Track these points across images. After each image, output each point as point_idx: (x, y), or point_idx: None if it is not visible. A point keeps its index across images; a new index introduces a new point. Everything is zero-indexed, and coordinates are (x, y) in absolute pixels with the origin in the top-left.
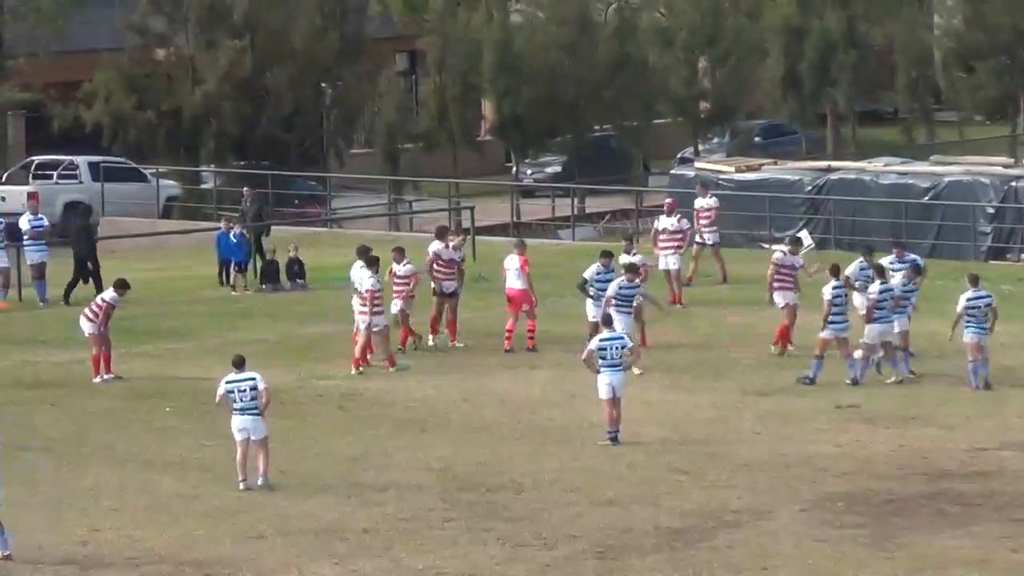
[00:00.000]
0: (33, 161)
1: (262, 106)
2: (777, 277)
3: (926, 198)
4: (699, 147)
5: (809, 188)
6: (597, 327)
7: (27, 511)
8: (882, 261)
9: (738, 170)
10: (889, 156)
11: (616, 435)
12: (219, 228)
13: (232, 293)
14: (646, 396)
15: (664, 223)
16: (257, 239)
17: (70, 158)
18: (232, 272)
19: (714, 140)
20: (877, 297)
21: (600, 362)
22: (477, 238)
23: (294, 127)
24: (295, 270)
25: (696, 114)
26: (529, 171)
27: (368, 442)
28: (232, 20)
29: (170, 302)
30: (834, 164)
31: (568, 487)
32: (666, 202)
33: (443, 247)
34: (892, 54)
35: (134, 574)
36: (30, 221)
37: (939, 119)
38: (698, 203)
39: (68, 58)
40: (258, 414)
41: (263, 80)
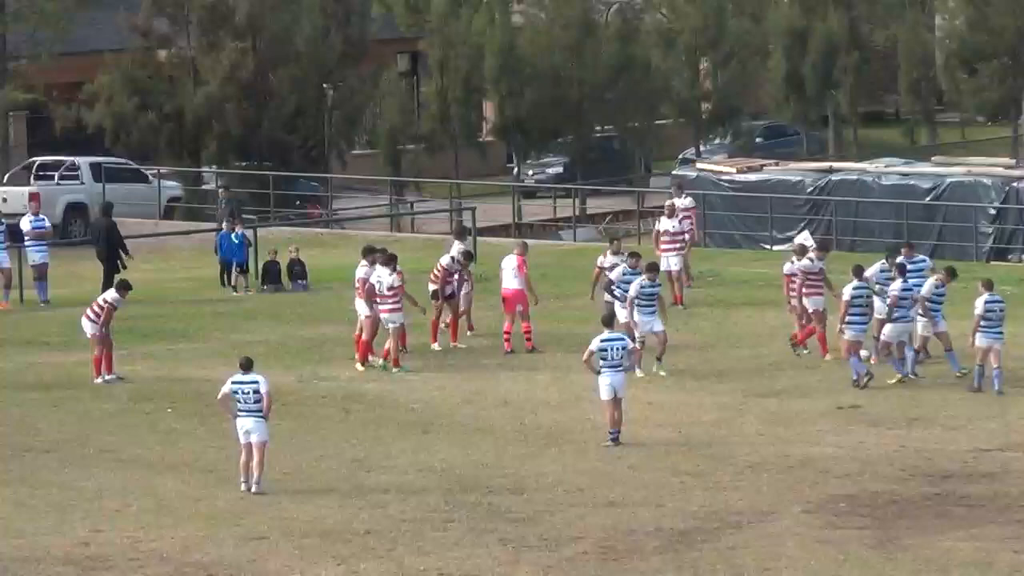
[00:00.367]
0: (35, 162)
1: (264, 107)
2: (808, 284)
3: (928, 199)
4: (701, 148)
5: (811, 189)
6: (631, 330)
7: (30, 512)
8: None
9: (740, 171)
10: (891, 157)
11: (618, 436)
12: (221, 229)
13: (234, 294)
14: (648, 397)
15: (665, 224)
16: (228, 264)
17: (72, 159)
18: (234, 273)
19: (716, 141)
20: (899, 295)
21: (601, 363)
22: (479, 239)
23: (296, 128)
24: (296, 271)
25: (698, 115)
26: (531, 172)
27: (371, 444)
28: (234, 22)
29: (172, 303)
30: (836, 165)
31: (571, 488)
32: (666, 204)
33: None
34: (894, 55)
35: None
36: (32, 222)
37: (941, 120)
38: (678, 203)
39: (70, 59)
40: (260, 417)
41: (265, 81)
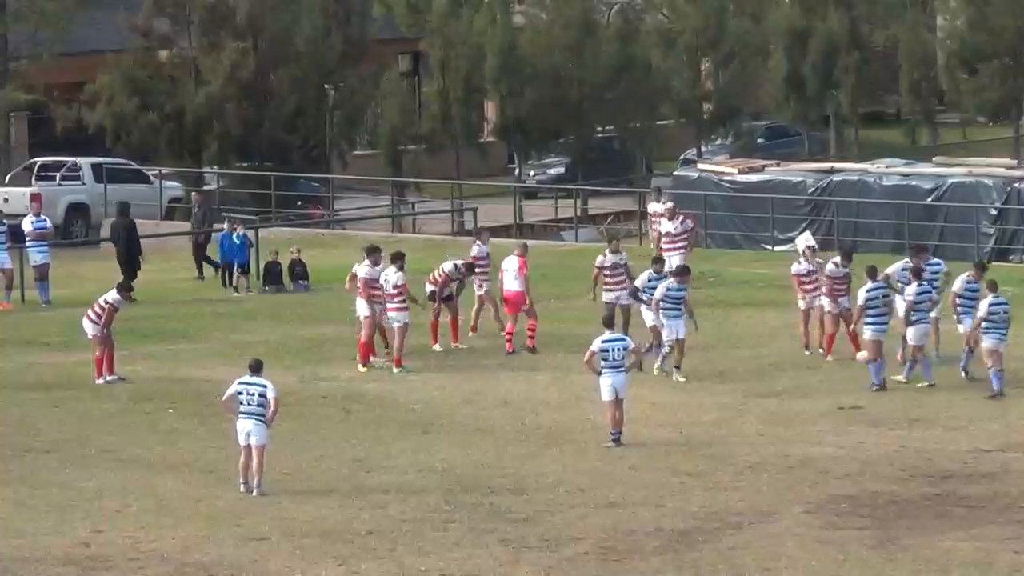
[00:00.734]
0: (36, 162)
1: (265, 107)
2: (834, 288)
3: (929, 199)
4: (702, 148)
5: (812, 190)
6: (659, 332)
7: (30, 512)
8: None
9: (741, 171)
10: (892, 157)
11: (619, 437)
12: (222, 230)
13: (235, 294)
14: (649, 398)
15: (666, 226)
16: (203, 246)
17: (73, 159)
18: (235, 273)
19: (717, 141)
20: (915, 299)
21: (602, 363)
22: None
23: (297, 128)
24: (298, 271)
25: (699, 116)
26: (532, 172)
27: (371, 444)
28: (235, 22)
29: (173, 303)
30: (837, 166)
31: (571, 489)
32: (666, 207)
33: (478, 246)
34: (895, 56)
35: None
36: (33, 222)
37: (942, 121)
38: (652, 208)
39: (71, 60)
40: (262, 421)
41: (266, 82)
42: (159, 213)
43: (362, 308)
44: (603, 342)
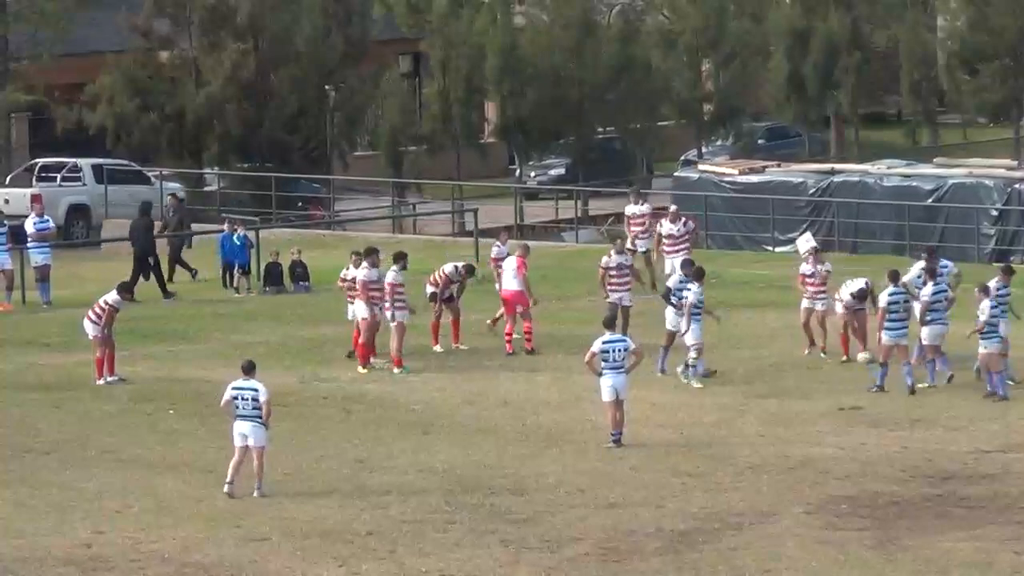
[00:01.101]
0: (37, 163)
1: (265, 108)
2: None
3: (929, 200)
4: (703, 149)
5: (813, 190)
6: (673, 337)
7: (31, 513)
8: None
9: (742, 172)
10: (893, 158)
11: (619, 437)
12: (222, 230)
13: (236, 295)
14: (650, 398)
15: (667, 228)
16: (177, 249)
17: (74, 160)
18: (236, 274)
19: (718, 142)
20: (930, 300)
21: (603, 364)
22: (480, 240)
23: (298, 129)
24: (298, 272)
25: (700, 116)
26: (532, 173)
27: (371, 444)
28: (236, 22)
29: (174, 304)
30: (838, 166)
31: (572, 489)
32: (671, 209)
33: (498, 247)
34: (896, 56)
35: None
36: (35, 223)
37: (943, 121)
38: (629, 210)
39: (72, 60)
40: (259, 422)
41: (267, 82)
42: (160, 214)
43: (361, 310)
44: (604, 343)
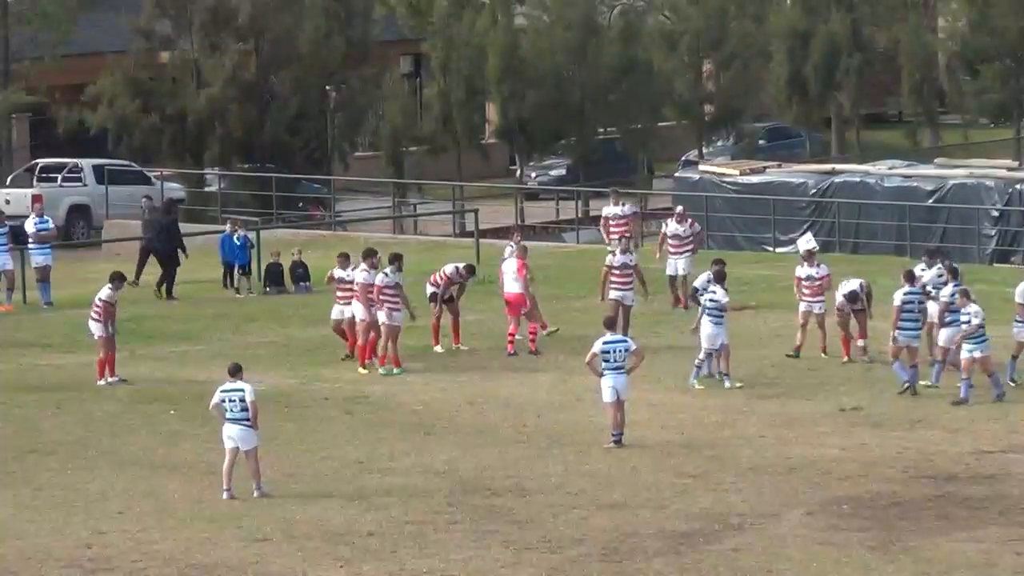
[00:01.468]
0: (37, 164)
1: (267, 109)
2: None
3: (930, 201)
4: (704, 150)
5: (814, 191)
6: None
7: (32, 514)
8: (915, 270)
9: (743, 173)
10: (893, 159)
11: (620, 438)
12: (223, 231)
13: (237, 296)
14: (651, 399)
15: (673, 228)
16: (148, 251)
17: (74, 161)
18: (236, 275)
19: (719, 143)
20: (948, 300)
21: (604, 365)
22: (481, 241)
23: (299, 130)
24: (299, 273)
25: (701, 117)
26: (534, 174)
27: (373, 445)
28: (237, 23)
29: (175, 305)
30: (838, 167)
31: (573, 490)
32: (677, 210)
33: (511, 247)
34: (897, 57)
35: None
36: (36, 224)
37: (943, 122)
38: (608, 211)
39: (73, 61)
40: (248, 425)
41: (268, 83)
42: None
43: (359, 312)
44: (604, 343)
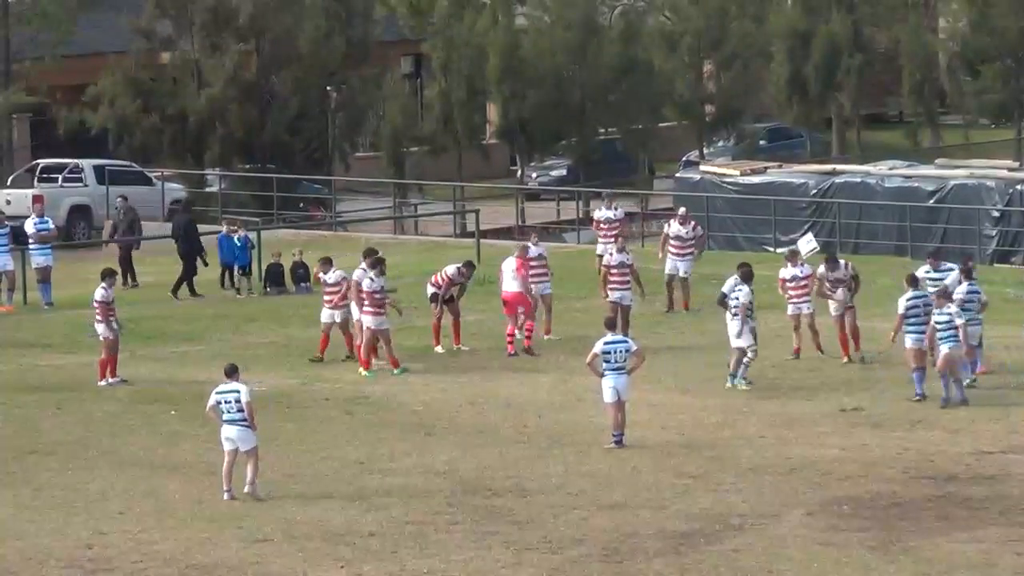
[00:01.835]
0: (38, 164)
1: (267, 109)
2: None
3: (931, 201)
4: (704, 150)
5: (814, 191)
6: (744, 351)
7: (32, 514)
8: (917, 272)
9: (743, 173)
10: (894, 159)
11: (621, 439)
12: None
13: (237, 296)
14: (651, 399)
15: (676, 230)
16: (128, 253)
17: (75, 161)
18: (236, 275)
19: (719, 143)
20: (964, 297)
21: (604, 365)
22: (482, 241)
23: (299, 130)
24: (300, 273)
25: (701, 117)
26: (534, 174)
27: (374, 446)
28: (238, 24)
29: (175, 305)
30: (839, 167)
31: (573, 491)
32: (680, 211)
33: (530, 247)
34: (897, 58)
35: None
36: (36, 224)
37: (944, 122)
38: (599, 215)
39: (73, 62)
40: (245, 425)
41: (269, 83)
42: (161, 215)
43: (356, 314)
44: (605, 344)
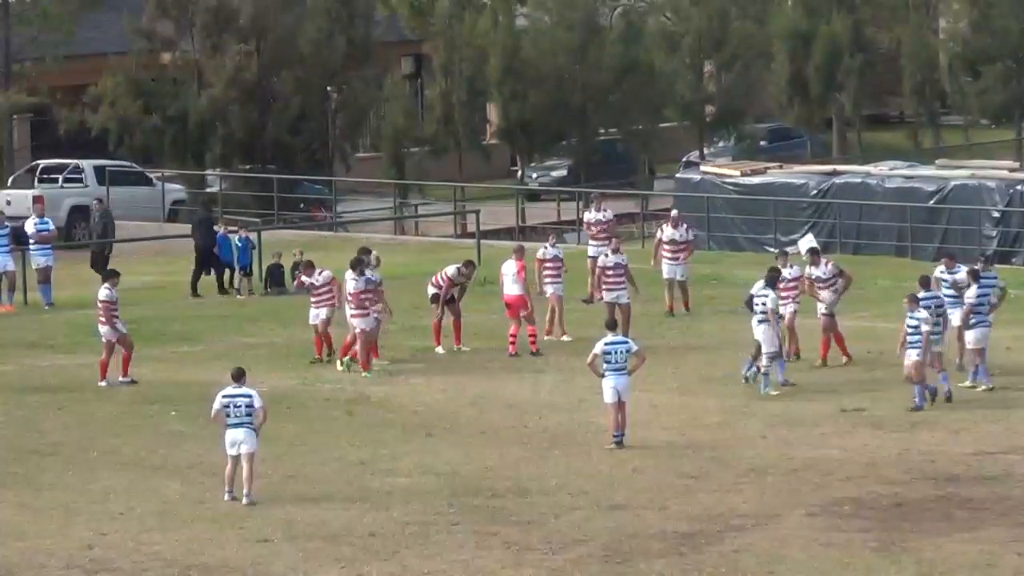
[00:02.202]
0: (39, 165)
1: (268, 110)
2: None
3: (931, 202)
4: (705, 151)
5: (815, 192)
6: (777, 353)
7: (33, 515)
8: (934, 272)
9: (744, 174)
10: (895, 160)
11: (622, 439)
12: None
13: (238, 297)
14: (653, 400)
15: (669, 233)
16: (103, 255)
17: (76, 162)
18: (237, 276)
19: (720, 144)
20: (975, 301)
21: (605, 366)
22: (482, 242)
23: (300, 131)
24: (297, 275)
25: (702, 118)
26: (535, 175)
27: (375, 446)
28: (239, 24)
29: (176, 306)
30: (840, 168)
31: (574, 491)
32: (672, 213)
33: (544, 248)
34: (898, 58)
35: None
36: (36, 224)
37: (945, 123)
38: (589, 216)
39: (74, 62)
40: (252, 428)
41: (269, 84)
42: (162, 215)
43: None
44: (606, 344)
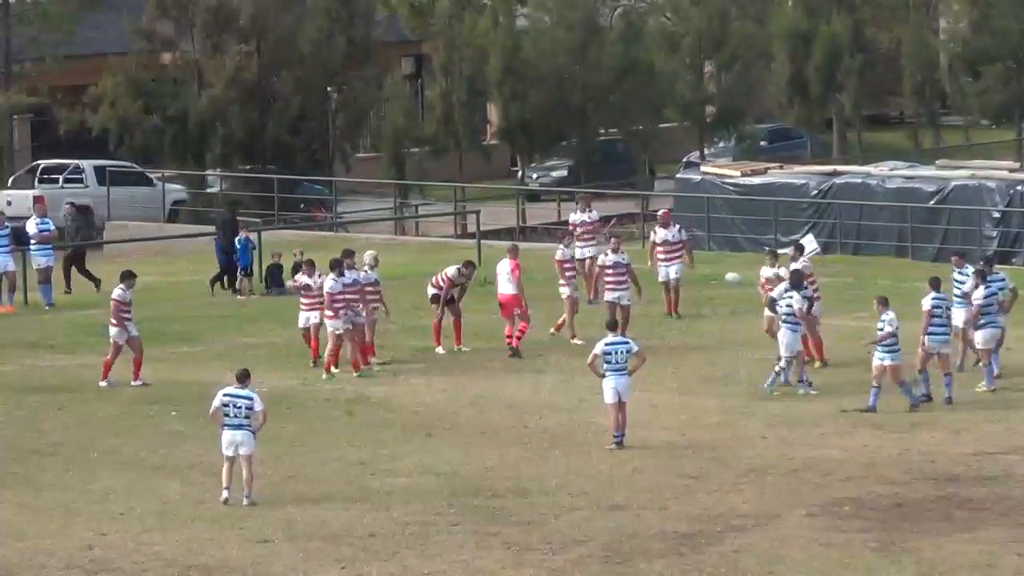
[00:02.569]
0: (39, 165)
1: (268, 110)
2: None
3: (932, 202)
4: (705, 151)
5: (815, 192)
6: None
7: (34, 515)
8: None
9: (744, 174)
10: (895, 160)
11: (622, 439)
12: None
13: (238, 297)
14: (653, 400)
15: (662, 235)
16: (78, 258)
17: (76, 162)
18: (238, 276)
19: (720, 144)
20: (983, 302)
21: (605, 366)
22: (483, 242)
23: (300, 131)
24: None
25: (702, 118)
26: (535, 175)
27: (374, 446)
28: (239, 24)
29: (176, 306)
30: (840, 168)
31: (574, 491)
32: (659, 213)
33: (562, 249)
34: (898, 58)
35: None
36: (37, 225)
37: (945, 123)
38: (575, 218)
39: (75, 62)
40: (250, 430)
41: (270, 84)
42: (162, 215)
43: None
44: (606, 345)
